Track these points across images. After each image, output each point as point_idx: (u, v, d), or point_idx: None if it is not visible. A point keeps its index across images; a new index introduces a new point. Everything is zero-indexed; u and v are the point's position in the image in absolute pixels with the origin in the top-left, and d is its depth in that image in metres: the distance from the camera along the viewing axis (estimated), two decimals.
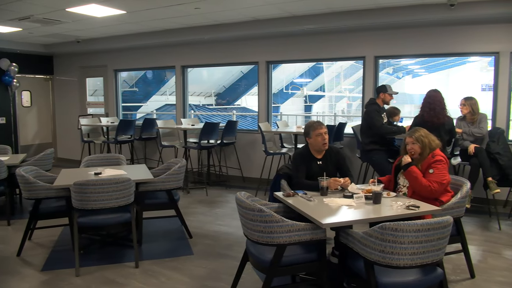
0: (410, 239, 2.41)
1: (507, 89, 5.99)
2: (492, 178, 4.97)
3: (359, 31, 6.71)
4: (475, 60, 24.58)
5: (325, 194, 3.39)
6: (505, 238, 4.80)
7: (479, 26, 6.01)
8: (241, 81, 20.32)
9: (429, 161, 3.45)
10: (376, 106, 5.36)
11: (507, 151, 5.10)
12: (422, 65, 26.32)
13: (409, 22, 6.17)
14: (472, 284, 3.63)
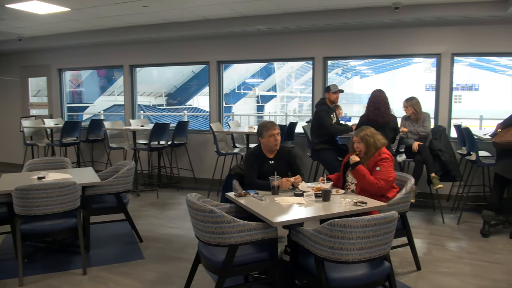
0: (358, 235, 2.48)
1: (449, 89, 6.32)
2: (435, 174, 5.21)
3: (308, 32, 6.84)
4: (419, 61, 25.77)
5: (277, 193, 3.42)
6: (449, 230, 5.05)
7: (423, 28, 6.31)
8: (192, 81, 20.14)
9: (375, 159, 3.57)
10: (325, 107, 5.48)
11: (449, 148, 5.37)
12: (369, 66, 27.26)
13: (356, 24, 6.36)
14: (418, 276, 3.79)
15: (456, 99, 29.41)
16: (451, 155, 5.30)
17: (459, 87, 31.32)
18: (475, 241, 4.69)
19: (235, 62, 10.27)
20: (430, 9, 5.74)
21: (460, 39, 6.21)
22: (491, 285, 3.61)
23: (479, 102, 26.25)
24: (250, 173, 3.68)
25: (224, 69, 7.87)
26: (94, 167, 5.68)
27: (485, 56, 9.19)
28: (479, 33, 6.09)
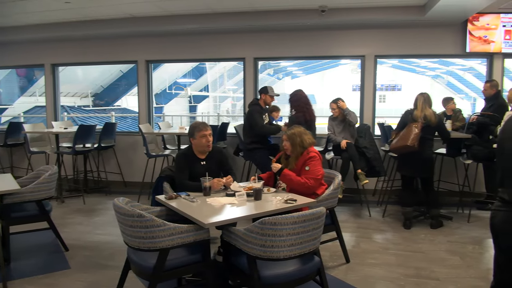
0: (288, 231, 2.51)
1: (372, 89, 6.64)
2: (361, 170, 5.44)
3: (239, 33, 6.86)
4: (346, 62, 26.89)
5: (208, 194, 3.38)
6: (375, 223, 5.30)
7: (348, 31, 6.59)
8: (120, 81, 19.43)
9: (304, 158, 3.66)
10: (258, 107, 5.52)
11: (373, 145, 5.64)
12: (300, 67, 28.01)
13: (285, 25, 6.49)
14: (347, 268, 3.93)
15: (381, 99, 31.06)
16: (376, 152, 5.56)
17: (383, 87, 33.13)
18: (399, 232, 4.96)
19: (165, 62, 10.06)
20: (354, 13, 6.00)
21: (383, 41, 6.56)
22: (414, 273, 3.83)
23: (402, 101, 27.94)
24: (181, 174, 3.61)
25: (153, 68, 7.68)
26: (13, 173, 5.27)
27: (406, 58, 9.76)
28: (400, 36, 6.49)
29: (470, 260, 4.13)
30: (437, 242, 4.62)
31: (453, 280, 3.67)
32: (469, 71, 26.26)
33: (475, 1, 5.20)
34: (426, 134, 4.84)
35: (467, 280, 3.67)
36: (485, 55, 6.50)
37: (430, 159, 4.99)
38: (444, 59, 22.76)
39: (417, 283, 3.63)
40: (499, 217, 2.21)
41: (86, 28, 6.83)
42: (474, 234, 4.84)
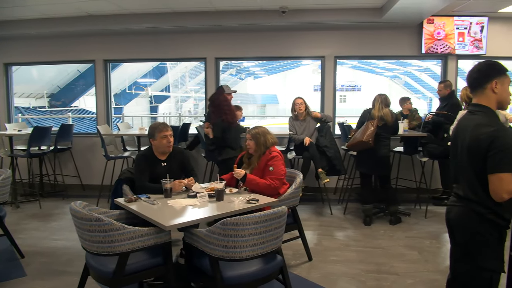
0: (250, 231, 2.51)
1: (332, 89, 6.75)
2: (322, 169, 5.52)
3: (200, 33, 6.81)
4: (308, 63, 27.25)
5: (169, 196, 3.33)
6: (336, 221, 5.39)
7: (309, 32, 6.67)
8: (78, 81, 18.79)
9: (266, 158, 3.67)
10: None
11: (334, 145, 5.72)
12: (262, 67, 28.12)
13: (247, 26, 6.48)
14: (310, 266, 3.98)
15: (341, 99, 31.70)
16: (336, 151, 5.65)
17: (343, 87, 33.83)
18: (360, 229, 5.07)
19: (124, 61, 9.86)
20: (314, 14, 6.09)
21: (342, 43, 6.69)
22: (375, 268, 3.93)
23: (362, 101, 28.61)
24: (141, 176, 3.53)
25: (112, 68, 7.48)
26: None
27: (365, 59, 9.99)
28: (359, 38, 6.64)
29: (427, 255, 4.27)
30: (396, 238, 4.75)
31: (412, 275, 3.78)
32: (425, 72, 27.19)
33: (429, 4, 5.38)
34: (382, 133, 4.98)
35: (425, 274, 3.80)
36: (439, 56, 6.75)
37: (386, 157, 5.13)
38: (401, 60, 23.46)
39: (377, 278, 3.72)
40: (454, 212, 2.29)
41: (41, 26, 6.58)
42: (431, 229, 5.01)
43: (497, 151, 2.04)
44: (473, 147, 2.14)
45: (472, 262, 2.22)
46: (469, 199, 2.20)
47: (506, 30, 6.50)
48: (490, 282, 2.19)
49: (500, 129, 2.08)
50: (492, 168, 2.06)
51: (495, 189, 2.06)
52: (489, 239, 2.17)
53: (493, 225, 2.16)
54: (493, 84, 2.17)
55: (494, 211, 2.13)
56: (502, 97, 2.19)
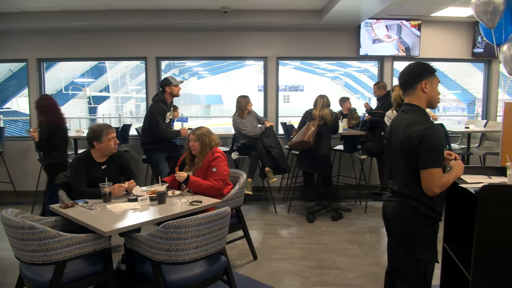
0: (193, 233, 2.49)
1: (275, 89, 6.84)
2: (269, 168, 5.58)
3: (140, 31, 6.64)
4: (251, 63, 27.39)
5: (108, 200, 3.21)
6: (281, 219, 5.47)
7: (251, 33, 6.71)
8: (10, 81, 17.63)
9: (209, 158, 3.65)
10: (161, 105, 5.10)
11: (278, 144, 5.80)
12: (206, 67, 27.89)
13: (189, 25, 6.40)
14: (255, 265, 4.00)
15: (285, 99, 32.19)
16: (280, 150, 5.73)
17: (287, 88, 34.36)
18: (303, 226, 5.17)
19: (59, 60, 9.41)
20: (255, 15, 6.13)
21: (284, 44, 6.80)
22: (318, 264, 4.03)
23: (305, 101, 29.13)
24: (78, 181, 3.38)
25: (47, 67, 7.11)
26: None
27: (306, 60, 10.22)
28: (300, 39, 6.77)
29: (368, 249, 4.44)
30: (338, 234, 4.90)
31: (353, 268, 3.92)
32: (364, 73, 28.23)
33: (366, 8, 5.58)
34: (323, 132, 5.12)
35: (366, 267, 3.95)
36: (376, 58, 7.04)
37: (326, 156, 5.27)
38: (341, 62, 24.23)
39: (320, 273, 3.82)
40: (390, 207, 2.41)
41: None
42: (371, 223, 5.22)
43: (427, 148, 2.15)
44: (405, 145, 2.25)
45: (408, 253, 2.34)
46: (403, 194, 2.31)
47: (438, 33, 6.91)
48: (424, 272, 2.31)
49: (430, 127, 2.20)
50: (423, 164, 2.17)
51: (427, 183, 2.17)
52: (422, 232, 2.30)
53: (426, 218, 2.28)
54: (423, 84, 2.28)
55: (427, 204, 2.25)
56: (431, 96, 2.31)
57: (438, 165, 2.17)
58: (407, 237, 2.33)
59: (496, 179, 2.54)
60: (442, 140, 2.24)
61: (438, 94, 2.34)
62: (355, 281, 3.69)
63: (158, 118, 5.01)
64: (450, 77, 20.75)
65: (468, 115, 17.19)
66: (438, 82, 2.33)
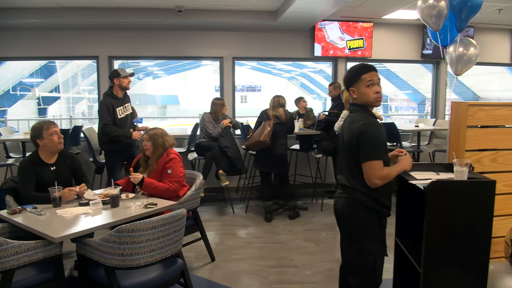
0: (148, 237, 2.44)
1: (231, 89, 6.84)
2: (223, 170, 5.55)
3: (91, 30, 6.43)
4: (208, 63, 27.21)
5: (59, 205, 3.08)
6: (239, 219, 5.46)
7: (207, 32, 6.67)
8: None
9: (164, 160, 3.58)
10: (109, 99, 4.69)
11: (234, 145, 5.78)
12: (161, 67, 27.47)
13: (143, 24, 6.28)
14: (213, 267, 3.98)
15: (243, 99, 32.24)
16: (236, 151, 5.71)
17: (244, 88, 34.43)
18: (261, 226, 5.19)
19: (7, 60, 8.93)
20: (210, 15, 6.10)
21: (240, 44, 6.81)
22: (276, 263, 4.06)
23: (262, 101, 29.30)
24: (26, 185, 3.22)
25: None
26: None
27: (262, 60, 10.29)
28: (256, 39, 6.81)
29: (324, 246, 4.53)
30: (295, 232, 4.96)
31: (310, 266, 3.98)
32: (320, 73, 28.76)
33: (320, 9, 5.67)
34: (279, 132, 5.17)
35: (322, 264, 4.02)
36: (330, 59, 7.18)
37: (283, 155, 5.32)
38: (297, 62, 24.57)
39: (278, 272, 3.85)
40: (340, 203, 2.50)
41: None
42: (327, 221, 5.32)
43: (366, 141, 2.27)
44: (349, 142, 2.37)
45: (358, 247, 2.43)
46: (352, 190, 2.40)
47: (389, 34, 7.15)
48: (374, 264, 2.41)
49: (369, 123, 2.32)
50: (363, 157, 2.28)
51: (368, 176, 2.28)
52: (371, 226, 2.40)
53: (375, 213, 2.39)
54: (351, 92, 2.43)
55: (375, 199, 2.35)
56: (362, 99, 2.41)
57: (377, 157, 2.27)
58: (357, 231, 2.43)
59: (444, 175, 2.65)
60: (381, 135, 2.33)
61: (370, 94, 2.37)
62: (312, 278, 3.75)
63: (104, 113, 4.62)
64: (401, 78, 21.53)
65: (419, 114, 17.90)
66: (366, 83, 2.36)
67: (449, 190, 2.33)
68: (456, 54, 4.03)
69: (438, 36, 3.99)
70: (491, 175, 2.82)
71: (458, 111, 2.96)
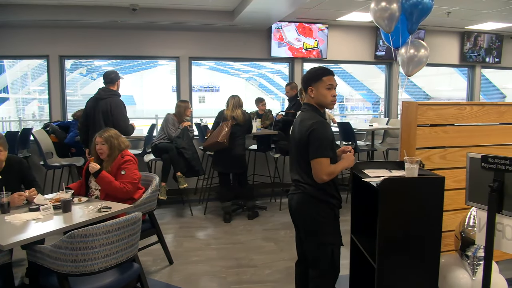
0: (102, 242, 2.37)
1: (188, 90, 6.77)
2: (181, 172, 5.47)
3: (41, 28, 6.17)
4: (165, 63, 26.76)
5: (7, 211, 2.93)
6: (197, 221, 5.41)
7: (163, 32, 6.57)
8: None
9: (119, 162, 3.48)
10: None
11: (191, 145, 5.70)
12: (116, 67, 26.67)
13: (96, 22, 6.09)
14: (171, 270, 3.92)
15: (201, 100, 32.00)
16: (194, 152, 5.64)
17: (202, 88, 34.17)
18: (220, 227, 5.17)
19: None
20: (167, 14, 6.00)
21: (197, 44, 6.76)
22: (235, 263, 4.05)
23: (220, 102, 29.12)
24: None
25: None
26: None
27: (220, 61, 10.24)
28: (213, 39, 6.77)
29: (283, 244, 4.56)
30: (254, 232, 4.98)
31: (269, 265, 4.00)
32: (278, 74, 28.99)
33: (276, 10, 5.71)
34: (237, 133, 5.18)
35: (281, 263, 4.05)
36: (287, 59, 7.26)
37: (241, 155, 5.32)
38: (255, 63, 24.68)
39: (237, 272, 3.84)
40: (295, 199, 2.60)
41: None
42: (285, 220, 5.35)
43: (314, 140, 2.38)
44: (299, 140, 2.47)
45: (316, 240, 2.54)
46: (305, 186, 2.49)
47: (344, 36, 7.31)
48: (332, 254, 2.52)
49: (318, 122, 2.43)
50: (312, 154, 2.39)
51: (316, 172, 2.38)
52: (326, 217, 2.51)
53: (328, 205, 2.50)
54: (309, 91, 2.52)
55: (326, 191, 2.48)
56: (319, 100, 2.52)
57: (325, 155, 2.38)
58: (313, 224, 2.53)
59: (396, 173, 2.74)
60: (329, 134, 2.44)
61: (328, 96, 2.49)
62: (271, 277, 3.77)
63: (125, 113, 4.81)
64: (356, 78, 22.08)
65: (373, 113, 18.42)
66: (326, 85, 2.49)
67: (400, 187, 2.42)
68: (407, 55, 4.18)
69: (390, 38, 4.13)
70: (440, 171, 2.94)
71: (409, 111, 3.07)
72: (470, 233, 2.63)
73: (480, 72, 8.37)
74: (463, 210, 2.92)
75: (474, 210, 2.62)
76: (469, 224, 2.68)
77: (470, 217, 2.70)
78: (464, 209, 2.84)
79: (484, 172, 2.06)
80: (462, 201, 2.28)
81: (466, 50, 8.00)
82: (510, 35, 8.15)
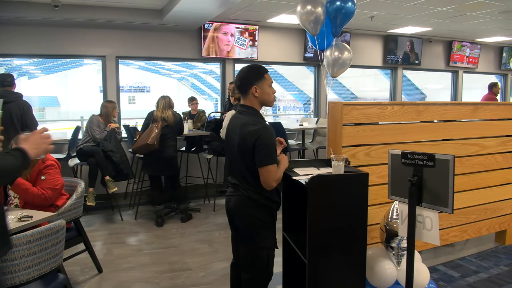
0: (22, 253, 2.22)
1: (116, 90, 6.53)
2: (109, 176, 5.26)
3: None
4: (91, 62, 25.63)
5: None
6: (128, 227, 5.25)
7: (88, 30, 6.28)
8: None
9: (39, 167, 3.28)
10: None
11: (120, 148, 5.49)
12: (38, 66, 25.18)
13: (14, 18, 5.67)
14: (100, 279, 3.76)
15: (131, 100, 31.03)
16: (122, 155, 5.44)
17: (132, 88, 33.16)
18: (152, 231, 5.05)
19: None
20: (92, 11, 5.74)
21: (124, 43, 6.54)
22: (168, 268, 3.98)
23: (151, 102, 28.41)
24: None
25: None
26: None
27: (149, 60, 10.03)
28: (142, 38, 6.60)
29: (217, 246, 4.55)
30: (187, 234, 4.92)
31: (204, 267, 3.98)
32: (210, 74, 28.88)
33: (205, 11, 5.67)
34: (167, 134, 5.08)
35: (216, 264, 4.04)
36: (218, 60, 7.25)
37: (172, 157, 5.23)
38: (187, 63, 24.39)
39: (171, 277, 3.78)
40: (233, 201, 2.55)
41: None
42: (220, 221, 5.36)
43: (261, 147, 2.33)
44: (241, 144, 2.41)
45: (252, 243, 2.52)
46: (244, 188, 2.47)
47: (274, 38, 7.45)
48: (267, 258, 2.53)
49: (263, 128, 2.39)
50: (260, 162, 2.35)
51: (265, 179, 2.36)
52: (264, 221, 2.50)
53: (266, 209, 2.49)
54: (253, 90, 2.45)
55: (266, 196, 2.46)
56: (263, 98, 2.49)
57: (272, 162, 2.37)
58: (250, 228, 2.51)
59: (324, 170, 2.83)
60: (274, 139, 2.44)
61: (271, 94, 2.52)
62: (206, 279, 3.75)
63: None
64: (288, 79, 22.57)
65: (304, 113, 18.95)
66: (269, 82, 2.51)
67: (327, 184, 2.50)
68: (332, 57, 4.34)
69: (316, 41, 4.26)
70: (365, 168, 3.09)
71: (335, 111, 3.20)
72: (394, 226, 2.78)
73: (402, 74, 8.91)
74: (386, 204, 3.09)
75: (396, 204, 2.76)
76: (393, 217, 2.82)
77: (393, 210, 2.85)
78: (388, 203, 3.00)
79: (405, 168, 2.20)
80: (386, 195, 2.42)
81: (389, 53, 8.48)
82: (429, 38, 8.79)
